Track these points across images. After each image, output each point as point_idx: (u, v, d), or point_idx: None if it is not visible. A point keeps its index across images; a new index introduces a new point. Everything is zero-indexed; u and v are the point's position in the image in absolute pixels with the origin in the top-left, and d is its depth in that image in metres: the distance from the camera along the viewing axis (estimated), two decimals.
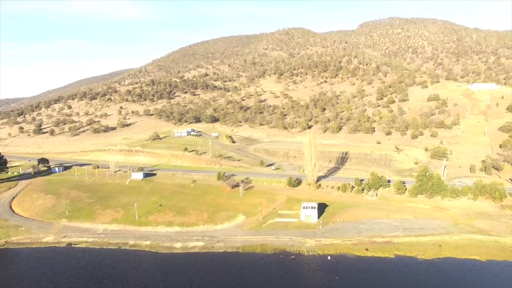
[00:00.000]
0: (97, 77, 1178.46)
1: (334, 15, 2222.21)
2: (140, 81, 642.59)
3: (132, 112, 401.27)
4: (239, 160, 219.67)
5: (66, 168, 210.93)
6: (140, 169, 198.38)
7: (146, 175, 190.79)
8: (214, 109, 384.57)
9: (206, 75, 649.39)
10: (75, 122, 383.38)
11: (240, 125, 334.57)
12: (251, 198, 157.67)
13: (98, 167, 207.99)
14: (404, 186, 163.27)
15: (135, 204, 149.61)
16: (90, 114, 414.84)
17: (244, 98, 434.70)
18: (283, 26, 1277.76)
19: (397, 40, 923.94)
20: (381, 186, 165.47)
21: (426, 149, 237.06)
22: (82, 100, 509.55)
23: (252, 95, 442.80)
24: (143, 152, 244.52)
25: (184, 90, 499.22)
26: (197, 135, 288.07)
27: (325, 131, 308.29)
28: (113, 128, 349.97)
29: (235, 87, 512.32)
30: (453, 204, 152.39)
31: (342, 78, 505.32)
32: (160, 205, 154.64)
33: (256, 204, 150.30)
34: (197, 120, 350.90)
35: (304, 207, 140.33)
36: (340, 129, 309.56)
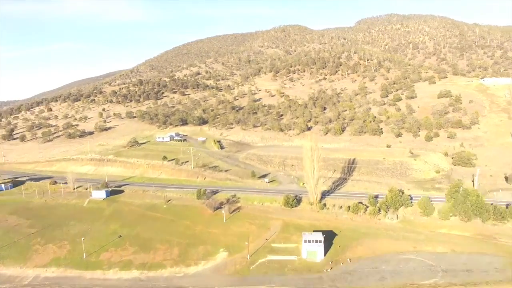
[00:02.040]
0: (90, 79, 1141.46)
1: (330, 13, 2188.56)
2: (129, 81, 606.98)
3: (114, 114, 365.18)
4: (226, 171, 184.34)
5: (18, 184, 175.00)
6: (104, 185, 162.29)
7: (111, 193, 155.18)
8: (204, 110, 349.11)
9: (198, 73, 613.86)
10: (52, 126, 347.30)
11: (231, 128, 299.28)
12: (237, 224, 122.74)
13: (56, 182, 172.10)
14: (432, 205, 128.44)
15: (83, 239, 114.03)
16: (69, 117, 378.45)
17: (237, 98, 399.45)
18: (279, 24, 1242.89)
19: (396, 36, 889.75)
20: (402, 205, 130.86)
21: (446, 154, 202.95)
22: (65, 102, 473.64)
23: (245, 94, 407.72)
24: (116, 161, 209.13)
25: (173, 90, 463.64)
26: (181, 140, 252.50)
27: (327, 133, 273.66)
28: (91, 133, 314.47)
29: (228, 85, 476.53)
30: (499, 229, 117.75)
31: (342, 75, 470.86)
32: (120, 236, 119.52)
33: (243, 233, 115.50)
34: (184, 122, 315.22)
35: (306, 241, 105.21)
36: (343, 131, 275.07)
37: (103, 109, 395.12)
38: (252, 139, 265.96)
